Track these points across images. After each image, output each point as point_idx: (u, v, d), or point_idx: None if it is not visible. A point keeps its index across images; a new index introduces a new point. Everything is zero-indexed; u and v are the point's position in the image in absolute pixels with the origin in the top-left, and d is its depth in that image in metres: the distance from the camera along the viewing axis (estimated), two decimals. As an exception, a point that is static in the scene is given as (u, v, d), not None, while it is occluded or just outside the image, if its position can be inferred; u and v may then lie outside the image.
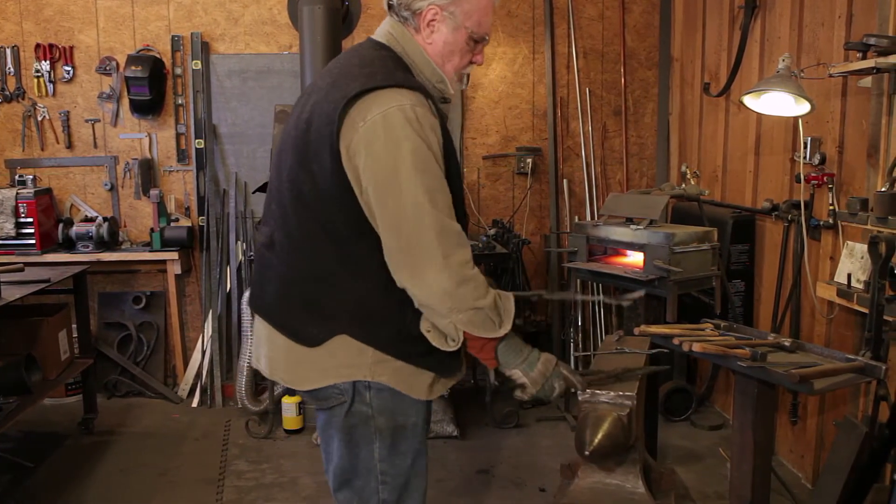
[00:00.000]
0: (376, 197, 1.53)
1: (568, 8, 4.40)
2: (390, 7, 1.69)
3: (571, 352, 4.30)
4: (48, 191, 4.21)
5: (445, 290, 1.52)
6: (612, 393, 1.97)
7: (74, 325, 3.80)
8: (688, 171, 3.70)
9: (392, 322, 1.63)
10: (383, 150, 1.50)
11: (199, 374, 4.25)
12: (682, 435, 3.67)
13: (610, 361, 2.34)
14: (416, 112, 1.51)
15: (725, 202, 3.81)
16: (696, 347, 2.01)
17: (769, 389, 2.04)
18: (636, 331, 2.39)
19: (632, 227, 3.19)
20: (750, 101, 2.91)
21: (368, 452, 1.69)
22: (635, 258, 3.26)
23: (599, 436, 1.90)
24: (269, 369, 1.76)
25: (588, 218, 4.45)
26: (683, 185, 3.58)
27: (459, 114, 4.41)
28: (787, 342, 2.10)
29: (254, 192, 4.21)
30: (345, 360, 1.64)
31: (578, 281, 4.17)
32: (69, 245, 4.12)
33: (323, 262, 1.62)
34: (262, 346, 1.77)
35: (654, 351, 2.47)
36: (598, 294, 4.29)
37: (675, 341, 2.12)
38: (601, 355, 2.45)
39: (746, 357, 1.94)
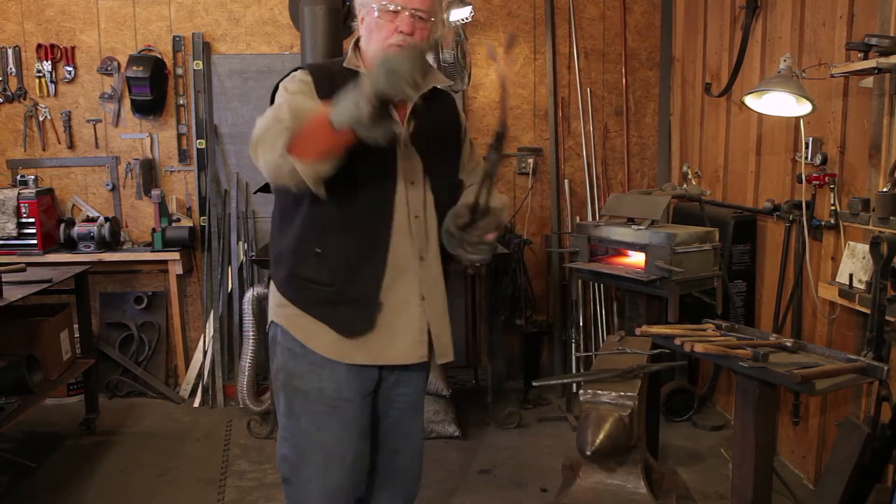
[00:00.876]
0: None
1: (569, 8, 4.40)
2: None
3: (573, 352, 4.30)
4: (50, 191, 4.21)
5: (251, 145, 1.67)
6: (613, 393, 1.97)
7: (76, 325, 3.80)
8: (689, 172, 3.70)
9: (284, 264, 1.85)
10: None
11: (200, 375, 4.26)
12: (683, 435, 3.67)
13: (612, 361, 2.34)
14: (294, 75, 1.85)
15: (727, 202, 3.81)
16: (698, 348, 2.01)
17: (771, 390, 2.04)
18: (638, 331, 2.39)
19: (633, 227, 3.19)
20: (751, 101, 2.91)
21: (277, 403, 1.92)
22: (637, 258, 3.26)
23: (601, 436, 1.91)
24: None
25: (589, 218, 4.45)
26: (685, 186, 3.58)
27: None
28: (788, 342, 2.11)
29: (255, 193, 4.21)
30: (271, 300, 1.92)
31: (580, 281, 4.18)
32: (71, 245, 4.12)
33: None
34: None
35: (655, 351, 2.48)
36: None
37: (677, 342, 2.13)
38: (603, 355, 2.45)
39: (748, 357, 1.94)
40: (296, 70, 1.88)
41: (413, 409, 2.02)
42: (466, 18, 3.95)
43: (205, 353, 4.25)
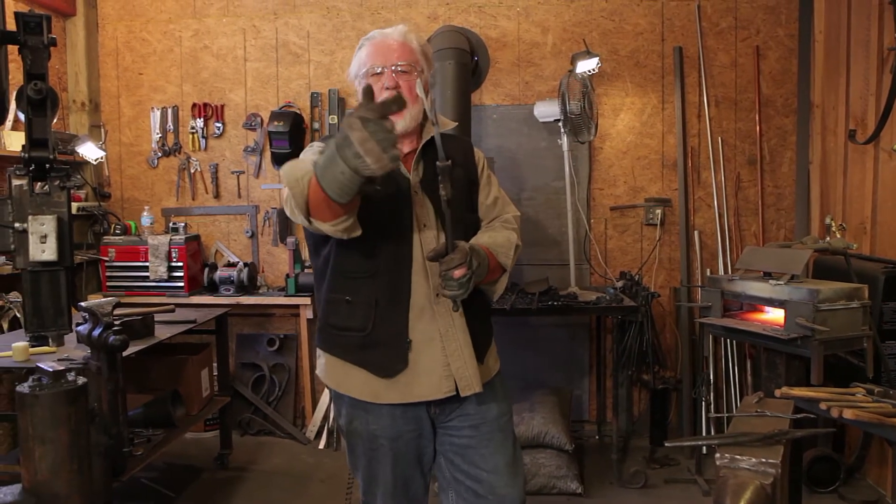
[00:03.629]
0: None
1: (699, 56, 4.33)
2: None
3: (703, 412, 4.10)
4: (197, 237, 4.54)
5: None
6: (753, 459, 1.86)
7: (215, 364, 4.04)
8: (833, 224, 3.50)
9: (320, 316, 2.01)
10: None
11: (326, 417, 4.39)
12: (828, 508, 3.40)
13: (750, 424, 2.21)
14: (312, 145, 1.96)
15: (875, 256, 3.56)
16: (848, 414, 1.88)
17: (935, 464, 1.87)
18: (778, 393, 2.26)
19: (771, 282, 3.04)
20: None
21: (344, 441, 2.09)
22: (775, 315, 3.09)
23: (741, 504, 1.79)
24: None
25: (720, 271, 4.28)
26: (828, 238, 3.38)
27: (587, 164, 4.40)
28: (955, 413, 1.92)
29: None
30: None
31: (711, 337, 4.00)
32: (213, 288, 4.40)
33: None
34: None
35: (798, 416, 2.32)
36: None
37: (823, 406, 1.99)
38: (740, 417, 2.32)
39: (908, 427, 1.78)
40: (314, 141, 2.07)
41: (479, 439, 2.00)
42: (593, 70, 3.97)
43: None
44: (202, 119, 4.62)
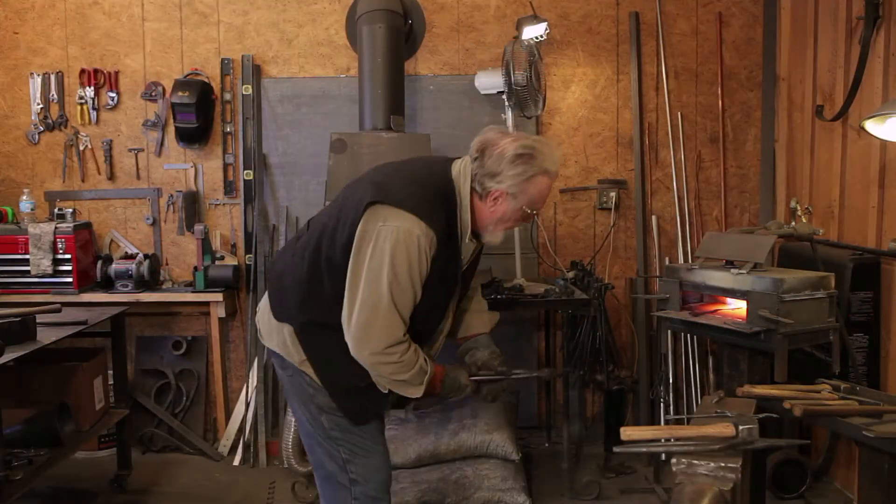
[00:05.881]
0: None
1: (657, 23, 4.41)
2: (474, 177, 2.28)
3: (662, 413, 4.19)
4: (88, 225, 4.39)
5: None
6: (712, 464, 1.91)
7: (110, 372, 3.92)
8: (798, 207, 3.61)
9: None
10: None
11: (241, 429, 4.32)
12: (794, 515, 3.53)
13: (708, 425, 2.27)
14: (419, 242, 2.16)
15: (843, 243, 3.70)
16: (813, 408, 1.94)
17: (902, 465, 1.95)
18: (739, 391, 2.32)
19: (733, 271, 3.12)
20: (872, 126, 2.84)
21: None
22: (737, 307, 3.18)
23: (698, 514, 1.84)
24: None
25: (680, 260, 4.38)
26: (793, 224, 3.49)
27: (533, 142, 4.43)
28: (923, 409, 2.01)
29: (305, 228, 4.30)
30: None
31: (669, 332, 4.09)
32: (108, 284, 4.27)
33: None
34: None
35: (760, 415, 2.39)
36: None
37: (786, 405, 2.06)
38: (698, 419, 2.38)
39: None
40: (415, 218, 2.17)
41: None
42: (541, 37, 3.99)
43: (247, 405, 4.32)
44: (92, 88, 4.47)
